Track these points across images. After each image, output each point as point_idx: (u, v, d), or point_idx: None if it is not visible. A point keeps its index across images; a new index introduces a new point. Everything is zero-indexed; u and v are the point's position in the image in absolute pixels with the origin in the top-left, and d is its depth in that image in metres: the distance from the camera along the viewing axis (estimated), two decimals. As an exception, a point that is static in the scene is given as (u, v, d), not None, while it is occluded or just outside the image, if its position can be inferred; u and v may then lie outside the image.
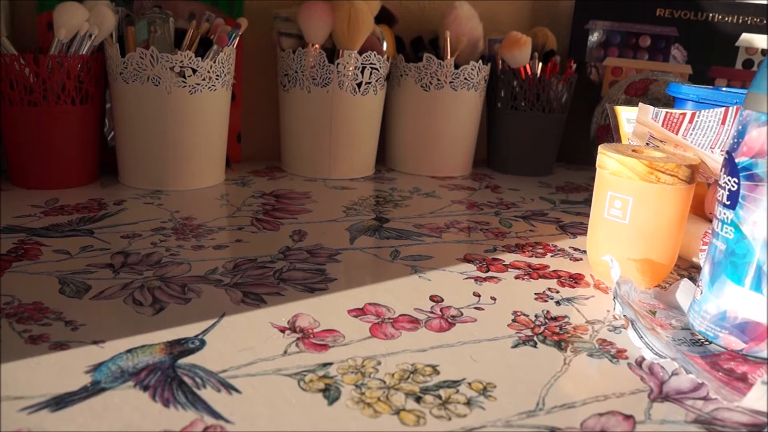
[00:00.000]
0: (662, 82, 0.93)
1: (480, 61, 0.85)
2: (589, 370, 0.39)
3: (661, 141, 0.55)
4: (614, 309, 0.45)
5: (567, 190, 0.85)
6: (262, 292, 0.47)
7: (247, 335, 0.40)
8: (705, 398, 0.36)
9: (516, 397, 0.35)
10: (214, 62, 0.71)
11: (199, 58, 0.70)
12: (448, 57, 0.84)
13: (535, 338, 0.42)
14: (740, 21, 0.95)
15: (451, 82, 0.84)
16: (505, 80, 0.89)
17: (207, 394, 0.34)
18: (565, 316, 0.46)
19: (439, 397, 0.35)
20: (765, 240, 0.39)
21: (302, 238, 0.59)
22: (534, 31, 0.94)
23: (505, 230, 0.66)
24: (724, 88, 0.66)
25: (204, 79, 0.71)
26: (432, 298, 0.48)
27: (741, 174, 0.39)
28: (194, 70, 0.70)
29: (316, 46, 0.79)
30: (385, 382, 0.36)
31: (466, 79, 0.85)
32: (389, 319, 0.44)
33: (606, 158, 0.50)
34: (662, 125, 0.51)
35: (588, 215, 0.56)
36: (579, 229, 0.68)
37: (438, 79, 0.84)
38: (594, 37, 0.98)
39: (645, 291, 0.50)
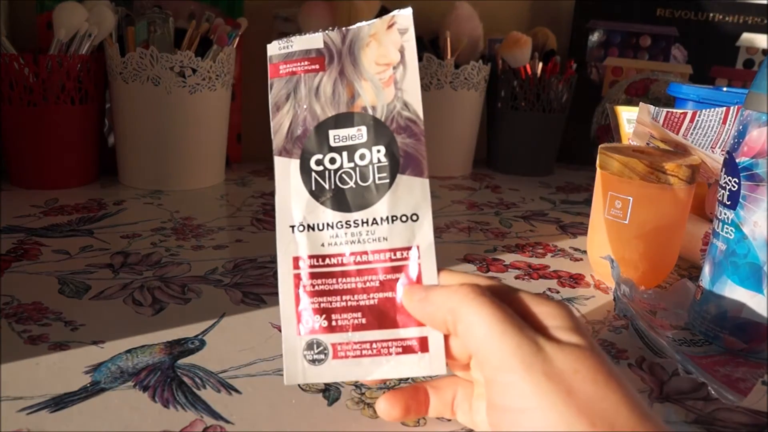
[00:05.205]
0: (663, 82, 0.93)
1: (480, 61, 0.85)
2: (589, 370, 0.39)
3: (662, 141, 0.55)
4: (614, 309, 0.45)
5: (567, 190, 0.85)
6: (262, 292, 0.47)
7: (247, 335, 0.40)
8: (705, 398, 0.36)
9: (516, 397, 0.35)
10: (214, 62, 0.71)
11: (199, 58, 0.70)
12: (448, 57, 0.84)
13: (535, 338, 0.42)
14: (741, 21, 0.95)
15: (451, 82, 0.84)
16: (506, 80, 0.89)
17: (207, 394, 0.34)
18: (566, 317, 0.46)
19: (439, 397, 0.34)
20: (766, 240, 0.39)
21: (302, 238, 0.58)
22: (534, 30, 0.94)
23: (506, 230, 0.66)
24: (724, 88, 0.66)
25: (204, 79, 0.71)
26: (432, 298, 0.48)
27: (741, 174, 0.39)
28: (194, 70, 0.70)
29: (316, 46, 0.79)
30: (384, 383, 0.36)
31: (466, 79, 0.85)
32: (389, 319, 0.44)
33: (606, 158, 0.50)
34: (663, 125, 0.51)
35: (588, 215, 0.56)
36: (579, 229, 0.68)
37: (438, 79, 0.84)
38: (594, 37, 0.98)
39: (645, 291, 0.50)
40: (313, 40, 0.32)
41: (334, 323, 0.31)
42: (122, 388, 0.34)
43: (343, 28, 0.32)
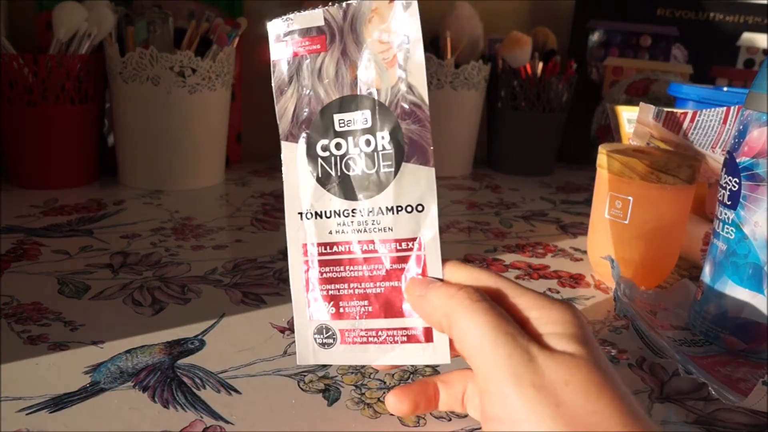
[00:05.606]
0: (663, 82, 0.93)
1: (480, 61, 0.85)
2: (589, 370, 0.39)
3: (662, 141, 0.55)
4: (615, 309, 0.45)
5: (567, 190, 0.85)
6: (262, 292, 0.47)
7: (247, 335, 0.40)
8: (706, 399, 0.36)
9: (516, 397, 0.35)
10: (214, 62, 0.71)
11: (199, 58, 0.70)
12: (449, 57, 0.84)
13: (535, 338, 0.42)
14: (741, 21, 0.95)
15: (451, 82, 0.84)
16: (506, 80, 0.89)
17: (206, 394, 0.34)
18: (566, 317, 0.46)
19: (439, 397, 0.34)
20: (766, 240, 0.39)
21: (302, 238, 0.58)
22: (534, 30, 0.94)
23: (506, 230, 0.66)
24: (725, 88, 0.66)
25: (204, 79, 0.71)
26: (432, 298, 0.47)
27: (742, 174, 0.39)
28: (194, 70, 0.70)
29: (316, 45, 0.79)
30: (384, 383, 0.36)
31: (466, 78, 0.85)
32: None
33: (606, 158, 0.50)
34: (663, 125, 0.51)
35: (588, 215, 0.56)
36: (579, 229, 0.68)
37: (438, 79, 0.84)
38: (594, 37, 0.98)
39: (645, 291, 0.50)
40: (314, 17, 0.30)
41: (342, 310, 0.31)
42: (122, 389, 0.34)
43: (344, 3, 0.30)
